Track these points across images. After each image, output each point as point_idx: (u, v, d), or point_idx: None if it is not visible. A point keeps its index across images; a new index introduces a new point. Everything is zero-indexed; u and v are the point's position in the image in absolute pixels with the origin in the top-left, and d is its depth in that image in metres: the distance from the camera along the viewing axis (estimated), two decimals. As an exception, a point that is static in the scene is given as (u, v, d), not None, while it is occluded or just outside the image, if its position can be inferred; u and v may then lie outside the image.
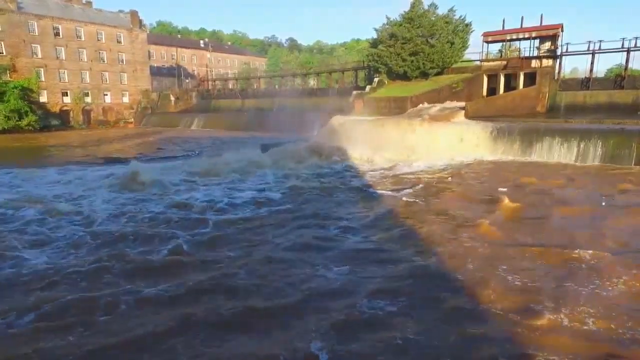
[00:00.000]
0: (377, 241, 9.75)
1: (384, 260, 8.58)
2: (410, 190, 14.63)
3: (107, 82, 60.44)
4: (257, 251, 9.20)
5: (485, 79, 31.93)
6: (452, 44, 34.22)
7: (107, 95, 60.78)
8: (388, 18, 36.50)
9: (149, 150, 30.86)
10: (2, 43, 49.87)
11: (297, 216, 11.91)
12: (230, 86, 67.89)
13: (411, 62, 34.30)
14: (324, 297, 6.98)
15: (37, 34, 52.47)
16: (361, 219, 11.49)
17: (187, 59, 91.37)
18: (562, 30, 30.39)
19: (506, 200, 12.56)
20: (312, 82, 61.82)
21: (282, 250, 9.24)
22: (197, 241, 9.88)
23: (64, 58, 55.38)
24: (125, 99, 62.82)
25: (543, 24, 31.49)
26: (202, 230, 10.74)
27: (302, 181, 16.73)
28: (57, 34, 54.25)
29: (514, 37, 32.57)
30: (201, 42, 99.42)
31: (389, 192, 14.46)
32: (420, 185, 15.33)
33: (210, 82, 68.66)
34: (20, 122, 48.05)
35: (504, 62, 31.99)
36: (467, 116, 26.43)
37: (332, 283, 7.56)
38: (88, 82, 58.29)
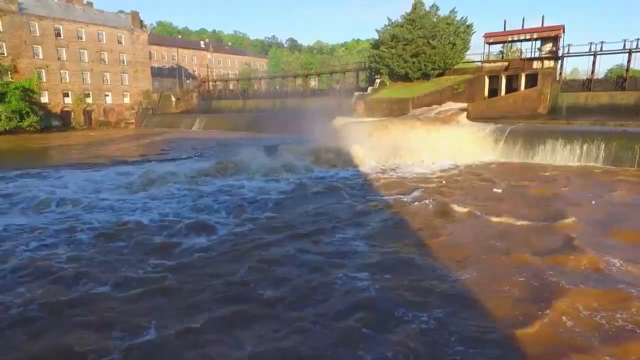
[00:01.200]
0: (395, 253, 9.38)
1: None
2: (418, 195, 14.33)
3: (108, 82, 60.49)
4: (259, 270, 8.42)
5: (487, 80, 32.01)
6: (454, 45, 34.28)
7: (108, 96, 60.83)
8: (389, 19, 36.63)
9: (151, 152, 30.87)
10: (4, 44, 49.90)
11: (302, 221, 11.77)
12: (231, 87, 67.90)
13: (413, 64, 34.35)
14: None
15: (38, 34, 52.50)
16: (369, 227, 11.07)
17: (188, 59, 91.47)
18: (564, 32, 30.46)
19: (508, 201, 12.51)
20: (313, 83, 61.88)
21: (292, 265, 8.69)
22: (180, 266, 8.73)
23: (65, 59, 55.42)
24: (126, 100, 62.87)
25: (544, 25, 31.59)
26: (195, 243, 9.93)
27: (304, 184, 16.56)
28: (58, 35, 54.29)
29: (515, 38, 32.65)
30: (201, 42, 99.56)
31: (395, 197, 14.11)
32: (426, 190, 15.14)
33: (211, 83, 68.68)
34: (21, 123, 48.13)
35: (506, 63, 32.07)
36: (469, 117, 26.48)
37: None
38: (89, 82, 58.33)
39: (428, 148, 22.53)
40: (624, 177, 16.44)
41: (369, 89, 36.32)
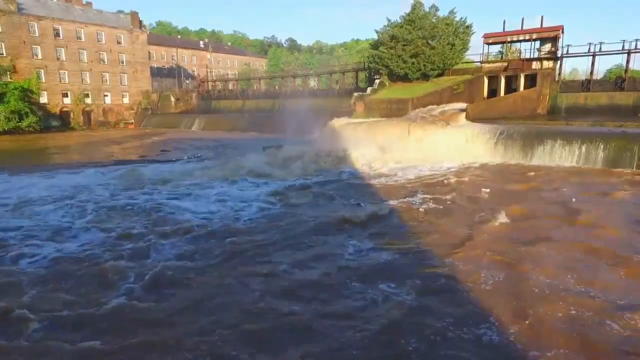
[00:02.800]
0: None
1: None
2: (418, 199, 14.09)
3: (108, 83, 60.46)
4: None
5: (486, 81, 31.99)
6: (453, 45, 34.25)
7: (107, 96, 60.80)
8: (389, 20, 36.57)
9: (152, 152, 30.85)
10: (3, 44, 49.85)
11: (300, 227, 11.31)
12: (231, 87, 67.87)
13: (412, 64, 34.33)
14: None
15: (37, 35, 52.46)
16: (369, 233, 10.61)
17: (187, 59, 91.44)
18: (563, 32, 30.47)
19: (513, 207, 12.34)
20: (313, 83, 61.90)
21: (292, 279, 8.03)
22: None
23: (64, 59, 55.39)
24: (126, 100, 62.86)
25: (543, 25, 31.60)
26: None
27: (302, 186, 16.30)
28: (57, 35, 54.26)
29: (515, 38, 32.65)
30: (201, 42, 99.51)
31: (395, 201, 13.76)
32: (425, 193, 14.95)
33: (210, 83, 68.65)
34: (20, 123, 48.13)
35: (505, 64, 32.06)
36: (469, 118, 26.45)
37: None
38: (88, 83, 58.31)
39: (427, 149, 22.53)
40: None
41: (368, 89, 36.30)
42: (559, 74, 31.26)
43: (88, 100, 58.59)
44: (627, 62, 29.53)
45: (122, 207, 13.53)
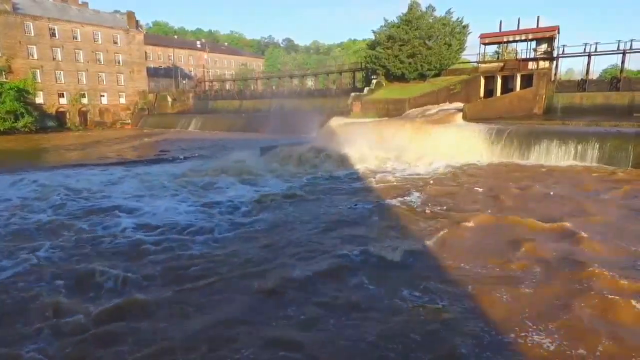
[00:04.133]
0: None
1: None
2: (416, 201, 13.89)
3: (104, 83, 60.32)
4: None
5: (483, 81, 32.15)
6: (450, 45, 34.40)
7: (103, 96, 60.64)
8: (386, 20, 36.69)
9: (150, 152, 30.80)
10: (-2, 44, 49.68)
11: (300, 230, 11.07)
12: (228, 87, 67.83)
13: (409, 64, 34.44)
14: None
15: (33, 34, 52.27)
16: (367, 236, 10.31)
17: (184, 59, 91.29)
18: (559, 32, 30.66)
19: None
20: (310, 83, 62.00)
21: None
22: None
23: (60, 59, 55.20)
24: (122, 100, 62.70)
25: (540, 26, 31.79)
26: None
27: (299, 188, 16.08)
28: (53, 35, 54.09)
29: (511, 39, 32.82)
30: (198, 42, 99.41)
31: (393, 203, 13.54)
32: (423, 194, 14.81)
33: (207, 83, 68.61)
34: (16, 124, 47.97)
35: (501, 64, 32.23)
36: (465, 118, 26.53)
37: None
38: (85, 83, 58.15)
39: (424, 149, 22.59)
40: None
41: (366, 89, 36.37)
42: (555, 74, 31.45)
43: (84, 101, 58.42)
44: (623, 62, 29.72)
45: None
